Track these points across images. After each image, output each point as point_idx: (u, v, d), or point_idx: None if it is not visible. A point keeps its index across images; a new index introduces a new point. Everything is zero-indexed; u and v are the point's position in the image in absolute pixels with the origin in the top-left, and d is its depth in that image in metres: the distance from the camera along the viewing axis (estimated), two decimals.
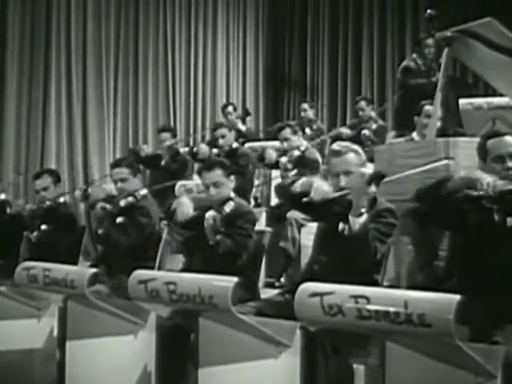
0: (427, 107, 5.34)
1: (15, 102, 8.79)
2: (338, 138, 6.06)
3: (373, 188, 2.99)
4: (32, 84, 8.94)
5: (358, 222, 3.00)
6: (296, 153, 5.72)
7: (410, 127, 5.66)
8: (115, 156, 9.10)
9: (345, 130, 7.10)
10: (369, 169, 3.20)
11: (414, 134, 5.41)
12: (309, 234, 3.81)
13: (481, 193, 2.78)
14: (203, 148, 6.67)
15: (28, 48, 8.91)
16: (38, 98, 8.97)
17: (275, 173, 6.25)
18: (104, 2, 9.51)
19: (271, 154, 6.01)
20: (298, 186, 3.23)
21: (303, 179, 3.24)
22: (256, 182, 6.68)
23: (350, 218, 3.02)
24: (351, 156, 3.24)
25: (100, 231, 4.34)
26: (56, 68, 9.07)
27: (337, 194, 3.11)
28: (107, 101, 9.51)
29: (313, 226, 3.61)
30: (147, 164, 6.89)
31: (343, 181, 3.19)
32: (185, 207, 3.86)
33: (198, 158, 6.59)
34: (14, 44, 8.79)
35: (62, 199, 5.02)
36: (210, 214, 3.70)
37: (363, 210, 3.01)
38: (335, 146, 3.30)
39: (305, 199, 3.16)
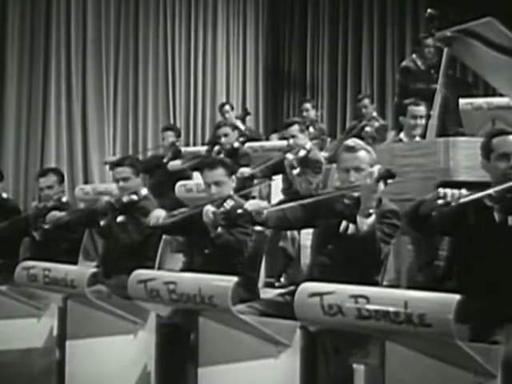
0: (411, 107, 5.32)
1: (15, 102, 8.78)
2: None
3: (381, 186, 2.99)
4: (32, 83, 8.93)
5: (366, 222, 2.99)
6: (302, 152, 5.70)
7: (401, 127, 5.65)
8: (115, 155, 9.09)
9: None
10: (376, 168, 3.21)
11: (402, 135, 5.40)
12: (308, 234, 3.81)
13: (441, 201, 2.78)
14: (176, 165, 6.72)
15: (28, 47, 8.90)
16: (38, 98, 8.96)
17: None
18: (104, 0, 9.51)
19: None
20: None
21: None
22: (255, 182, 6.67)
23: (358, 218, 3.01)
24: (363, 153, 3.24)
25: (102, 223, 4.34)
26: (56, 67, 9.06)
27: (274, 208, 3.26)
28: (107, 100, 9.51)
29: None
30: (150, 168, 6.85)
31: (353, 176, 3.19)
32: (155, 213, 3.86)
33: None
34: (14, 43, 8.77)
35: (64, 198, 5.02)
36: (208, 207, 3.68)
37: (371, 211, 3.00)
38: (349, 142, 3.31)
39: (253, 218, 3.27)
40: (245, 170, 5.76)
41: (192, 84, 10.35)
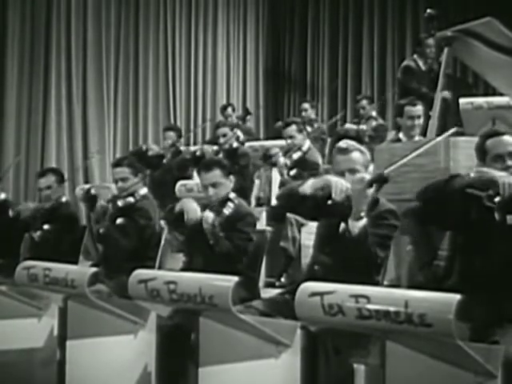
0: (407, 108, 5.27)
1: (15, 103, 8.79)
2: (345, 135, 6.01)
3: (372, 190, 2.99)
4: (32, 85, 8.94)
5: (357, 225, 2.99)
6: (297, 154, 5.69)
7: (399, 127, 5.64)
8: (115, 156, 9.09)
9: (351, 127, 7.07)
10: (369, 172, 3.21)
11: (401, 135, 5.39)
12: (309, 234, 3.81)
13: (497, 198, 2.70)
14: (206, 149, 6.64)
15: (28, 49, 8.91)
16: (38, 99, 8.97)
17: (275, 173, 6.23)
18: (104, 2, 9.51)
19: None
20: (308, 187, 3.15)
21: (312, 179, 3.18)
22: (257, 182, 6.67)
23: (350, 221, 3.02)
24: (357, 155, 3.24)
25: (101, 231, 4.33)
26: (56, 68, 9.06)
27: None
28: (107, 101, 9.52)
29: (313, 226, 3.60)
30: (151, 164, 6.84)
31: (348, 178, 3.19)
32: (192, 210, 3.78)
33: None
34: (14, 45, 8.78)
35: (64, 199, 5.01)
36: (207, 214, 3.67)
37: (362, 214, 3.01)
38: (342, 144, 3.30)
39: (329, 201, 3.06)
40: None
41: (192, 85, 10.36)
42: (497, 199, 2.71)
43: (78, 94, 9.23)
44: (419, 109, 5.22)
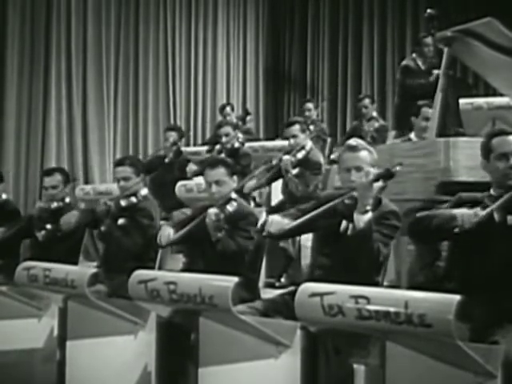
0: (425, 109, 5.27)
1: (15, 103, 8.76)
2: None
3: (377, 185, 3.00)
4: (32, 85, 8.92)
5: (362, 219, 3.00)
6: (301, 153, 5.69)
7: (410, 127, 5.65)
8: (115, 156, 9.09)
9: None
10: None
11: (412, 135, 5.38)
12: (309, 235, 3.81)
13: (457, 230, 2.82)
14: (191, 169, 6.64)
15: (28, 49, 8.88)
16: (38, 99, 8.95)
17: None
18: (104, 3, 9.51)
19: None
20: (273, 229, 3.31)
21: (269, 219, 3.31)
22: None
23: (355, 215, 3.02)
24: (365, 153, 3.25)
25: (102, 228, 4.33)
26: (56, 68, 9.05)
27: (295, 223, 3.13)
28: (107, 101, 9.51)
29: None
30: (151, 168, 6.81)
31: (354, 176, 3.20)
32: (164, 236, 3.79)
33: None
34: (14, 45, 8.75)
35: (68, 199, 4.99)
36: (212, 210, 3.69)
37: (368, 208, 3.01)
38: (352, 142, 3.31)
39: (264, 233, 3.20)
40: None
41: (192, 85, 10.35)
42: (456, 230, 2.81)
43: (77, 94, 9.22)
44: None
